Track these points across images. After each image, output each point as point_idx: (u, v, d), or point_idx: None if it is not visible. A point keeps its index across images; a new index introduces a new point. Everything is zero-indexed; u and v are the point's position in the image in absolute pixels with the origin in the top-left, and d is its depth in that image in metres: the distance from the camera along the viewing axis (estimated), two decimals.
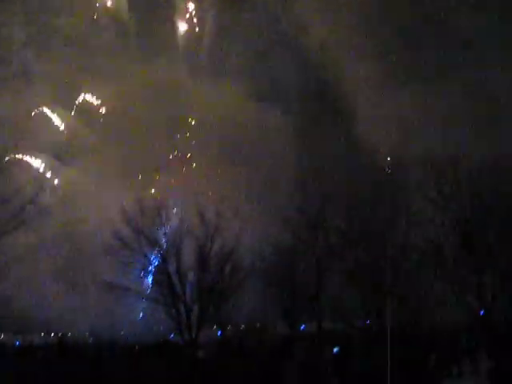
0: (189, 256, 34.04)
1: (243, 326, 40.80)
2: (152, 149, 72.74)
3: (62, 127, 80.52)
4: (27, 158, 72.40)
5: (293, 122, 74.70)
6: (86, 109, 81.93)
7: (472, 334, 29.33)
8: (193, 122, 76.31)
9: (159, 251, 33.42)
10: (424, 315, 31.77)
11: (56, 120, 79.46)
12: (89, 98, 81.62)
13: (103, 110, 79.40)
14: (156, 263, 33.64)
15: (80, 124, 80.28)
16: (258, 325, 41.00)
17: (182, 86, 80.00)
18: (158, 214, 33.41)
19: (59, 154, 79.81)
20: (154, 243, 33.36)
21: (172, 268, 33.28)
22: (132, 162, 73.06)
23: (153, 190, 58.69)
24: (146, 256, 33.26)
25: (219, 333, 37.45)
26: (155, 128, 73.51)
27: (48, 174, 76.93)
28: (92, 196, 68.54)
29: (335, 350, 20.80)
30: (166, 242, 33.49)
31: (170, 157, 74.37)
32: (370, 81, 71.00)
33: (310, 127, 75.70)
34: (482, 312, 30.15)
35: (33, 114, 77.27)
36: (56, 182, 76.98)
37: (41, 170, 75.46)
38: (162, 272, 33.37)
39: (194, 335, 32.88)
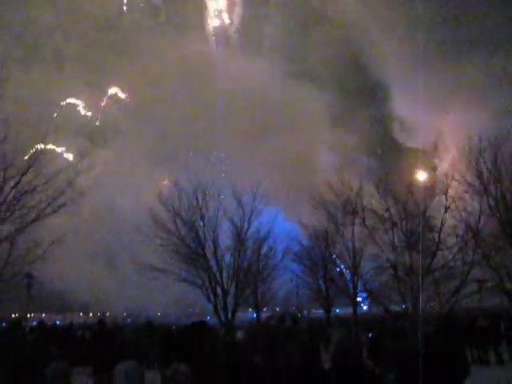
0: (226, 238, 34.37)
1: (278, 309, 41.05)
2: (185, 129, 73.15)
3: (90, 114, 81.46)
4: (62, 145, 73.52)
5: (327, 101, 74.17)
6: (117, 96, 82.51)
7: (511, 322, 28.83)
8: (226, 101, 76.36)
9: (196, 233, 33.69)
10: (461, 301, 31.48)
11: (83, 110, 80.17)
12: (118, 90, 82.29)
13: (133, 95, 79.83)
14: (193, 245, 33.86)
15: (112, 108, 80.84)
16: (294, 308, 41.25)
17: (214, 65, 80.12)
18: (194, 195, 33.65)
19: (92, 137, 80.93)
20: (190, 225, 33.65)
21: (209, 250, 33.67)
22: (165, 144, 73.64)
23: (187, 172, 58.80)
24: (183, 238, 33.54)
25: (254, 315, 37.73)
26: (187, 110, 73.73)
27: (83, 157, 78.20)
28: (127, 177, 69.45)
29: (370, 333, 20.66)
30: (203, 223, 33.73)
31: (202, 138, 74.61)
32: (404, 59, 70.09)
33: (345, 106, 75.13)
34: None
35: (61, 104, 78.31)
36: (90, 164, 78.27)
37: (75, 155, 76.62)
38: (199, 254, 33.67)
39: (230, 317, 33.33)
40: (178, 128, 73.74)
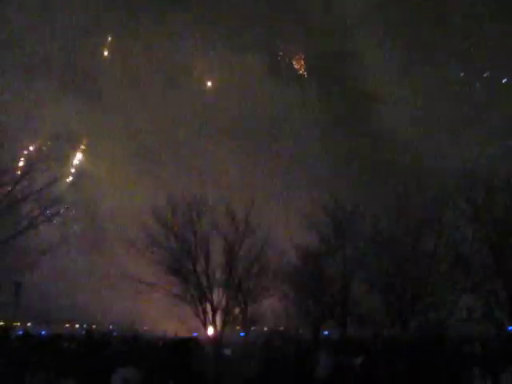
0: (218, 255, 34.21)
1: (266, 328, 40.77)
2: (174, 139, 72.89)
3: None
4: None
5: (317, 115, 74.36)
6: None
7: (499, 351, 28.76)
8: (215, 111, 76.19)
9: (188, 249, 33.53)
10: (450, 328, 31.42)
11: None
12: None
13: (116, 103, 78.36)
14: (184, 260, 33.68)
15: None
16: (282, 328, 40.94)
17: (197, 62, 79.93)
18: (188, 210, 33.54)
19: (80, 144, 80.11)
20: (183, 240, 33.50)
21: (200, 266, 33.50)
22: (152, 157, 73.35)
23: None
24: (174, 253, 33.38)
25: (242, 334, 37.48)
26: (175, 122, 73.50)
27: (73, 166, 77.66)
28: (117, 188, 69.04)
29: (360, 358, 20.58)
30: (195, 239, 33.60)
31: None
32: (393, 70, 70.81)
33: (336, 120, 75.45)
34: (510, 328, 29.68)
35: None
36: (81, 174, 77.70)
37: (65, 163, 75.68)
38: (189, 270, 33.50)
39: (218, 334, 33.12)
40: (165, 140, 73.68)
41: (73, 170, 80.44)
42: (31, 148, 35.83)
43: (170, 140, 74.39)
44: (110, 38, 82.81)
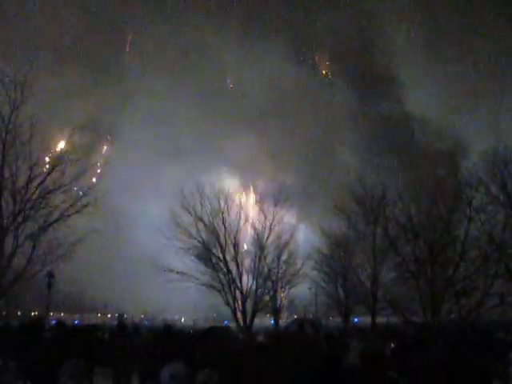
0: (247, 244, 34.32)
1: (296, 316, 40.81)
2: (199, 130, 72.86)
3: None
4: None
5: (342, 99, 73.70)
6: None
7: None
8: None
9: (217, 237, 33.62)
10: (482, 313, 31.02)
11: None
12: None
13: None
14: (213, 249, 33.78)
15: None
16: (312, 316, 40.97)
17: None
18: (216, 198, 33.65)
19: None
20: (211, 228, 33.60)
21: (229, 254, 33.60)
22: (179, 141, 73.43)
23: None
24: (204, 242, 33.49)
25: (272, 321, 37.55)
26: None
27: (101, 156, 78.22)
28: (145, 178, 69.34)
29: (392, 344, 20.38)
30: (224, 227, 33.69)
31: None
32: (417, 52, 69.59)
33: (360, 103, 74.53)
34: None
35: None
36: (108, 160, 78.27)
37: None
38: (218, 258, 33.61)
39: (248, 322, 33.23)
40: (192, 128, 73.76)
41: (101, 160, 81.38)
42: (61, 140, 36.07)
43: (197, 128, 74.50)
44: (132, 32, 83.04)
